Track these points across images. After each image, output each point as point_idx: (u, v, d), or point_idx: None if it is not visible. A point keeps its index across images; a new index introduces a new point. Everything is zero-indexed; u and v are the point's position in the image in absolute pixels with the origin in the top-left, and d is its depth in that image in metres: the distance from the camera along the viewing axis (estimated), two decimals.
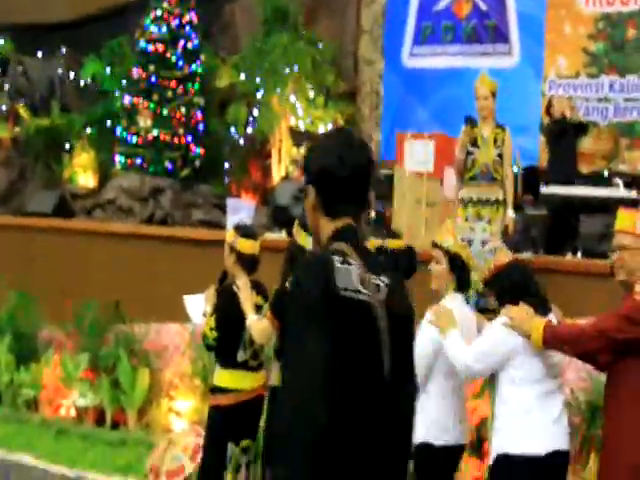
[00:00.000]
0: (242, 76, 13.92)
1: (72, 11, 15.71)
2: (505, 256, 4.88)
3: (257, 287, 5.78)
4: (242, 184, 13.70)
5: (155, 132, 13.46)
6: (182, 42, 13.92)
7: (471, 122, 8.16)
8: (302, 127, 13.52)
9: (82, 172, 14.36)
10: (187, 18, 14.05)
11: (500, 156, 8.09)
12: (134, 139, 13.52)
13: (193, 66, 13.96)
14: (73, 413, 9.11)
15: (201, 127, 13.91)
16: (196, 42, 14.10)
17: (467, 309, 5.05)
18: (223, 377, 5.73)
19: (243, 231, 5.82)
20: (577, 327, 4.51)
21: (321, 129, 13.50)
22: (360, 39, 14.43)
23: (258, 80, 13.67)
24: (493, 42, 13.16)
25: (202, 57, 14.17)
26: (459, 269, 5.01)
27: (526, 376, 4.56)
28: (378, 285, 2.75)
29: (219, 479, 5.66)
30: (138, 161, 13.44)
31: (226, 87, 14.19)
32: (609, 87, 12.24)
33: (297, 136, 13.15)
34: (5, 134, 15.09)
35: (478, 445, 6.85)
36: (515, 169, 10.20)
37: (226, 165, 14.12)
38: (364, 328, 2.69)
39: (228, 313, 5.63)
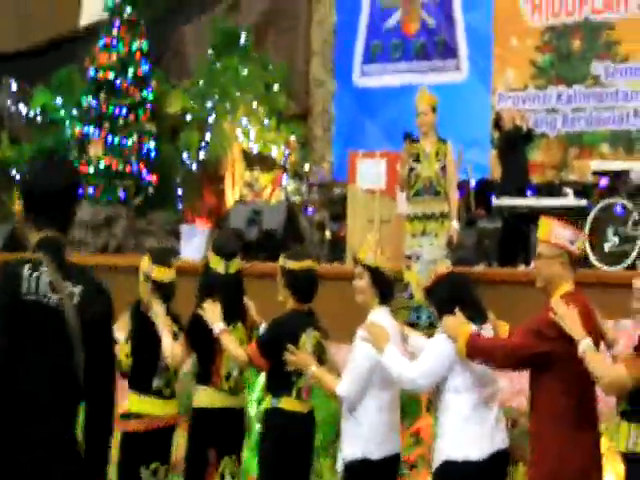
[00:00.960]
0: (193, 101, 13.86)
1: (20, 41, 15.60)
2: (445, 267, 4.92)
3: (173, 315, 5.67)
4: (196, 209, 13.62)
5: (107, 160, 13.35)
6: (132, 69, 13.86)
7: (410, 138, 8.16)
8: (255, 150, 13.49)
9: None
10: (137, 45, 13.99)
11: (443, 169, 8.09)
12: (86, 169, 13.40)
13: (144, 93, 13.90)
14: None
15: (153, 154, 13.83)
16: (146, 68, 14.04)
17: (392, 321, 5.08)
18: (136, 403, 5.66)
19: (158, 258, 5.71)
20: (494, 342, 4.59)
21: (274, 151, 13.48)
22: (311, 60, 14.46)
23: (209, 105, 13.64)
24: (442, 58, 13.23)
25: (153, 83, 14.11)
26: (380, 283, 5.02)
27: (465, 383, 4.64)
28: (72, 292, 3.21)
29: None
30: (90, 190, 13.33)
31: (177, 113, 14.13)
32: (557, 98, 12.31)
33: (250, 159, 13.13)
34: None
35: None
36: (468, 183, 10.27)
37: (179, 191, 14.04)
38: (51, 328, 3.20)
39: (145, 340, 5.56)
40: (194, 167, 13.91)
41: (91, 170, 13.40)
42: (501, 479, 4.79)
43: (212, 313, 5.31)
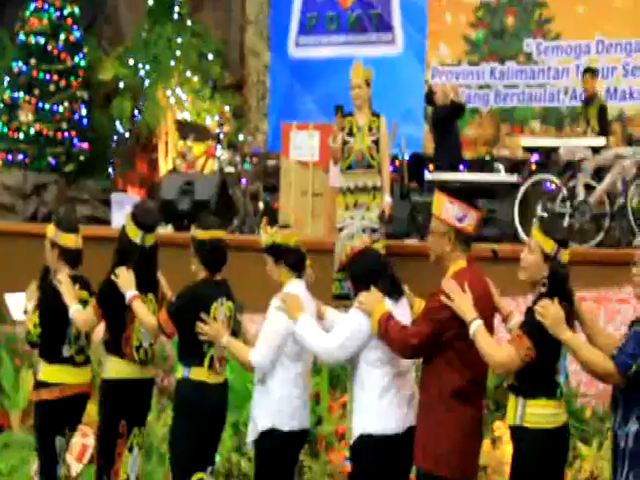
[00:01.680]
0: (126, 69, 13.70)
1: None
2: (361, 242, 4.94)
3: (81, 282, 5.69)
4: (128, 178, 13.51)
5: (37, 127, 13.16)
6: (64, 34, 13.63)
7: (341, 111, 8.18)
8: (189, 119, 13.41)
9: None
10: (69, 10, 13.76)
11: (376, 143, 8.12)
12: (15, 135, 13.20)
13: (76, 59, 13.69)
14: None
15: (85, 121, 13.64)
16: (78, 34, 13.82)
17: (308, 295, 5.08)
18: (47, 372, 5.69)
19: (64, 225, 5.73)
20: (397, 331, 4.53)
21: (208, 121, 13.40)
22: (246, 30, 14.38)
23: (143, 73, 13.49)
24: (377, 31, 13.27)
25: (85, 50, 13.90)
26: (283, 258, 5.01)
27: (381, 357, 4.66)
28: None
29: (52, 471, 5.72)
30: (20, 157, 13.14)
31: (110, 80, 13.95)
32: (490, 74, 12.45)
33: (184, 129, 13.04)
34: None
35: None
36: (402, 156, 10.33)
37: (111, 159, 13.90)
38: None
39: (51, 308, 5.58)
40: (127, 135, 13.77)
41: (21, 136, 13.19)
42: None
43: (125, 280, 5.31)
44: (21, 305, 5.87)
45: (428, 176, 9.97)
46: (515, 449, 4.41)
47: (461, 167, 10.18)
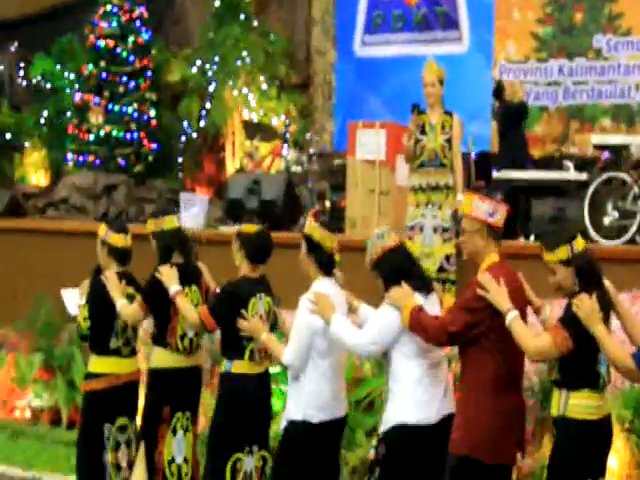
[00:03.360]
0: (194, 70, 13.83)
1: (20, 9, 15.50)
2: (392, 240, 5.04)
3: (128, 278, 6.07)
4: (196, 178, 13.63)
5: (107, 129, 13.34)
6: (132, 37, 13.81)
7: (418, 109, 8.13)
8: (255, 119, 13.47)
9: (34, 171, 14.24)
10: (137, 12, 13.96)
11: (448, 142, 8.07)
12: (86, 136, 13.41)
13: (144, 61, 13.86)
14: (28, 414, 9.00)
15: (153, 122, 13.81)
16: (147, 36, 14.00)
17: (338, 290, 5.29)
18: (96, 363, 6.07)
19: (114, 226, 6.17)
20: (430, 319, 4.73)
21: (274, 120, 13.46)
22: (312, 29, 14.41)
23: (210, 73, 13.60)
24: (443, 29, 13.19)
25: (153, 51, 14.06)
26: (316, 253, 5.21)
27: (414, 350, 4.83)
28: None
29: (97, 460, 6.03)
30: (90, 158, 13.35)
31: (178, 81, 14.09)
32: (558, 71, 12.31)
33: (250, 128, 13.09)
34: None
35: None
36: (469, 155, 10.26)
37: (179, 159, 14.03)
38: None
39: (99, 303, 5.97)
40: (194, 136, 13.90)
41: (91, 138, 13.40)
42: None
43: (168, 276, 5.66)
44: (76, 300, 6.27)
45: (496, 174, 9.89)
46: (556, 439, 4.55)
47: (528, 165, 10.08)
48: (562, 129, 12.22)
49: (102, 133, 13.37)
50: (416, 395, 4.82)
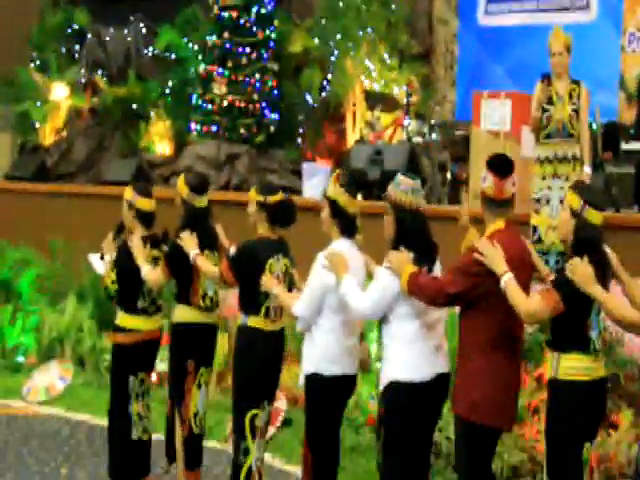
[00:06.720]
0: (315, 40, 13.85)
1: None
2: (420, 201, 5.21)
3: (153, 240, 6.40)
4: (317, 148, 13.67)
5: (230, 99, 13.51)
6: (256, 8, 13.90)
7: (547, 79, 7.97)
8: (376, 89, 13.42)
9: (159, 140, 14.50)
10: None
11: (576, 112, 7.91)
12: (209, 106, 13.60)
13: (267, 32, 13.94)
14: (154, 378, 9.19)
15: (275, 92, 13.91)
16: (269, 7, 14.07)
17: (356, 252, 5.45)
18: (124, 319, 6.44)
19: (141, 189, 6.48)
20: (428, 280, 4.87)
21: (395, 91, 13.39)
22: None
23: (332, 44, 13.60)
24: None
25: (275, 22, 14.14)
26: (338, 214, 5.40)
27: (410, 311, 5.00)
28: None
29: (124, 408, 6.44)
30: (214, 128, 13.54)
31: (300, 52, 14.13)
32: None
33: (372, 99, 13.06)
34: (84, 104, 15.34)
35: None
36: (594, 126, 10.02)
37: (301, 130, 14.11)
38: None
39: (126, 267, 6.33)
40: (315, 106, 13.94)
41: (214, 108, 13.58)
42: (442, 399, 5.18)
43: (188, 241, 5.99)
44: (101, 261, 6.66)
45: (625, 146, 9.64)
46: (549, 400, 4.64)
47: None
48: None
49: (225, 103, 13.54)
50: (410, 354, 4.99)
